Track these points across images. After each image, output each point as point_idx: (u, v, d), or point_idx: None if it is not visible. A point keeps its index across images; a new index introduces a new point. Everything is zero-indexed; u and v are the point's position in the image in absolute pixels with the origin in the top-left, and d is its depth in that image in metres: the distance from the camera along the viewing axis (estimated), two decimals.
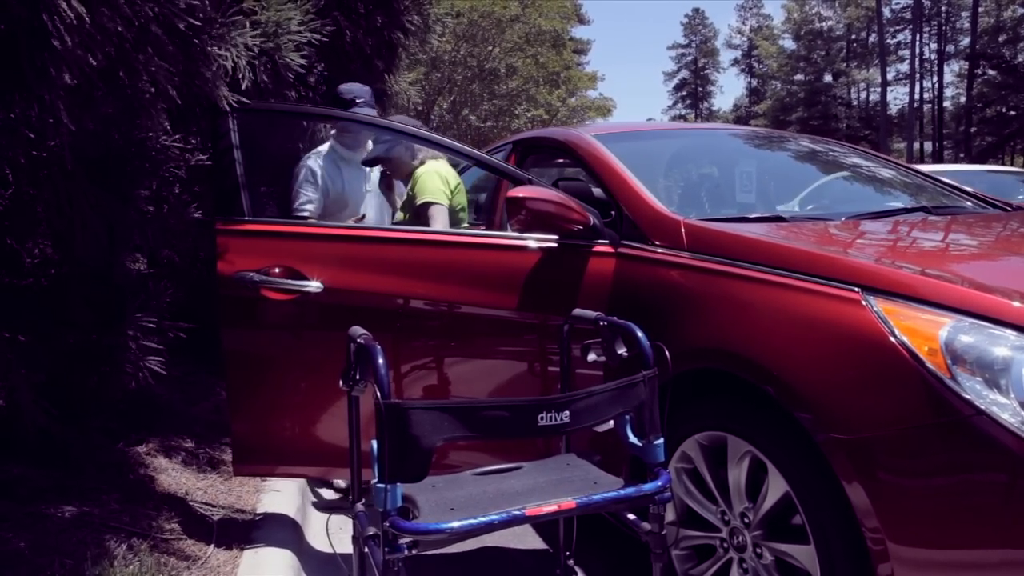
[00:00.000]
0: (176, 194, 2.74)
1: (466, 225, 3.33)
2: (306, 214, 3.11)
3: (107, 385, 2.51)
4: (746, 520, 1.88)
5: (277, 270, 2.33)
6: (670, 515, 2.07)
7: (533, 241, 2.36)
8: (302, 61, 2.63)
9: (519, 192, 2.30)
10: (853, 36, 47.30)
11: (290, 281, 2.32)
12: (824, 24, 47.16)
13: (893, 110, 42.95)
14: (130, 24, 1.88)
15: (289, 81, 2.68)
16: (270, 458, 2.48)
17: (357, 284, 2.34)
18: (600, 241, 2.34)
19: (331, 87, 3.86)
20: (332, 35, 3.17)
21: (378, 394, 1.40)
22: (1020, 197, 5.38)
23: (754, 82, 56.62)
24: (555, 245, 2.36)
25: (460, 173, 3.87)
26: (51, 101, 1.82)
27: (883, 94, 37.31)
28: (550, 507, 1.50)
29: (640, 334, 1.70)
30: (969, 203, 2.89)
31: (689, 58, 61.07)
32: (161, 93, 2.12)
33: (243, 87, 2.35)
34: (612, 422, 1.69)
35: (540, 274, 2.36)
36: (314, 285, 2.32)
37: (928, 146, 40.00)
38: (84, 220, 2.15)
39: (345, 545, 1.84)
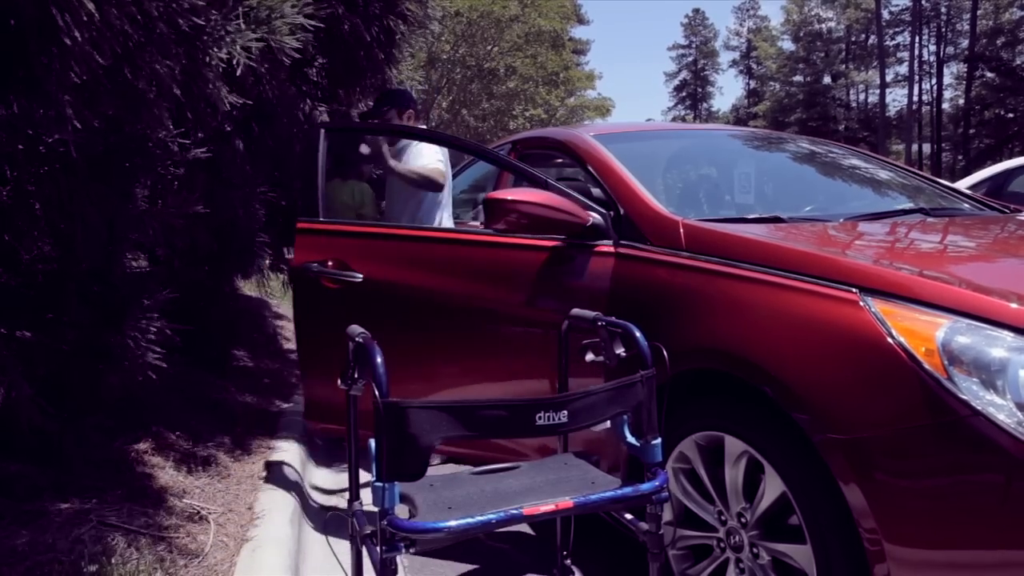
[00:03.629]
0: (175, 191, 2.74)
1: None
2: None
3: (105, 383, 2.51)
4: (743, 520, 1.88)
5: (330, 263, 2.71)
6: (667, 515, 2.08)
7: (536, 240, 2.44)
8: (297, 44, 2.62)
9: (515, 195, 2.36)
10: (852, 38, 47.33)
11: (339, 272, 2.69)
12: (823, 25, 47.18)
13: (892, 112, 42.97)
14: (135, 22, 1.88)
15: (285, 66, 2.67)
16: (330, 418, 2.84)
17: (388, 276, 2.66)
18: (603, 241, 2.35)
19: (332, 80, 3.86)
20: (331, 25, 3.17)
21: (376, 393, 1.40)
22: None
23: (752, 83, 56.65)
24: (559, 244, 2.41)
25: (458, 174, 3.92)
26: (58, 98, 1.82)
27: (882, 96, 37.36)
28: (547, 506, 1.50)
29: (638, 334, 1.70)
30: (967, 205, 2.89)
31: (689, 59, 61.10)
32: (164, 92, 2.13)
33: (238, 74, 2.36)
34: (610, 422, 1.69)
35: (542, 273, 2.43)
36: (356, 276, 2.66)
37: (927, 148, 40.01)
38: (84, 217, 2.15)
39: (343, 543, 1.85)
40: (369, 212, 3.71)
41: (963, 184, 5.36)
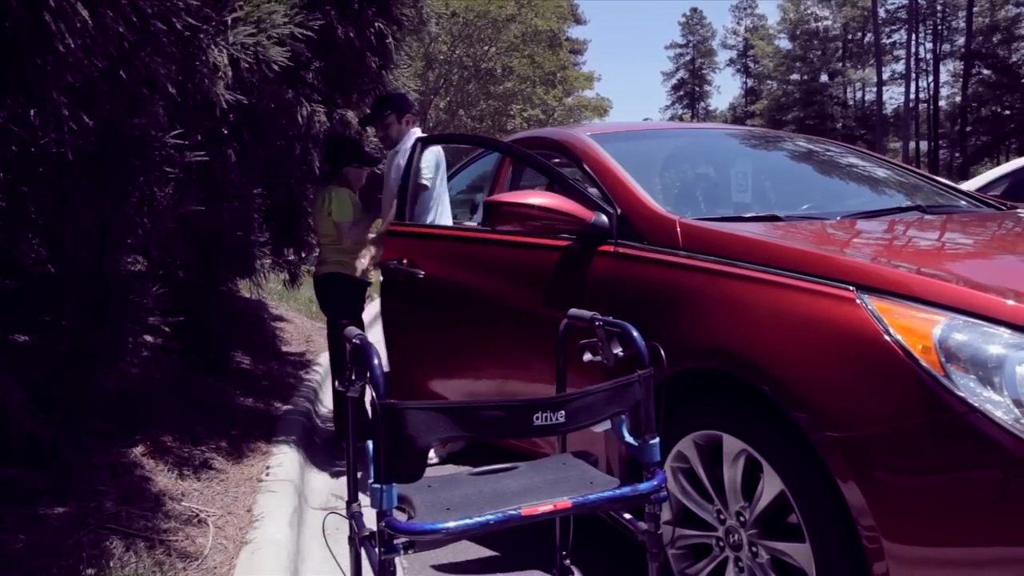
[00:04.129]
0: (171, 193, 2.74)
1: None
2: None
3: (100, 386, 2.50)
4: (742, 519, 1.88)
5: (404, 260, 3.06)
6: (666, 514, 2.08)
7: (538, 239, 2.56)
8: (285, 57, 2.63)
9: (513, 198, 2.44)
10: (849, 36, 47.38)
11: (409, 269, 3.05)
12: (820, 24, 47.21)
13: (889, 110, 43.01)
14: (130, 23, 1.87)
15: (272, 77, 2.69)
16: (404, 393, 3.10)
17: (440, 272, 2.97)
18: (607, 241, 2.37)
19: (328, 84, 3.85)
20: (324, 31, 3.17)
21: (373, 394, 1.40)
22: None
23: (750, 82, 56.70)
24: (559, 243, 2.50)
25: (454, 175, 3.92)
26: (53, 99, 1.81)
27: (879, 94, 37.39)
28: (546, 507, 1.49)
29: (635, 334, 1.69)
30: (964, 202, 2.90)
31: (687, 58, 61.15)
32: (160, 91, 2.13)
33: (226, 83, 2.37)
34: (610, 423, 1.69)
35: (543, 271, 2.56)
36: (419, 273, 3.00)
37: (924, 145, 40.04)
38: (76, 219, 2.14)
39: (341, 545, 1.84)
40: (345, 216, 3.71)
41: (979, 181, 5.27)
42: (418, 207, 3.53)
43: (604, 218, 2.38)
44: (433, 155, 3.52)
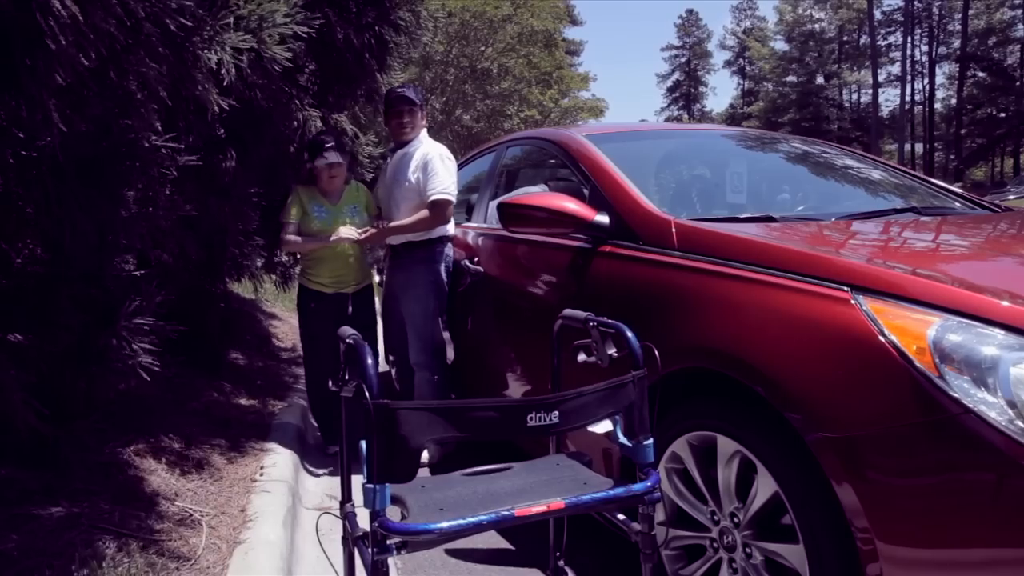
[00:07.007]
0: (166, 194, 2.73)
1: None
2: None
3: (97, 386, 2.49)
4: (736, 520, 1.88)
5: (476, 259, 3.40)
6: (660, 515, 2.07)
7: (541, 237, 2.74)
8: (287, 55, 2.63)
9: (527, 200, 2.55)
10: (845, 38, 47.49)
11: (475, 266, 3.37)
12: (816, 26, 47.31)
13: (884, 112, 43.10)
14: (122, 24, 1.86)
15: (276, 75, 2.69)
16: (469, 377, 3.58)
17: (486, 268, 3.30)
18: (609, 241, 2.38)
19: (323, 86, 3.85)
20: (323, 32, 3.17)
21: (367, 394, 1.40)
22: None
23: (746, 83, 56.79)
24: (559, 242, 2.63)
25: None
26: (42, 101, 1.80)
27: (874, 96, 37.48)
28: (539, 507, 1.49)
29: (629, 334, 1.69)
30: (958, 204, 2.90)
31: (683, 59, 61.23)
32: (152, 94, 2.12)
33: (225, 83, 2.36)
34: (606, 423, 1.69)
35: (546, 270, 2.75)
36: (480, 270, 3.34)
37: (919, 147, 40.14)
38: (74, 220, 2.14)
39: (335, 545, 1.84)
40: (284, 217, 3.67)
41: None
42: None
43: (606, 219, 2.40)
44: (455, 164, 3.64)
